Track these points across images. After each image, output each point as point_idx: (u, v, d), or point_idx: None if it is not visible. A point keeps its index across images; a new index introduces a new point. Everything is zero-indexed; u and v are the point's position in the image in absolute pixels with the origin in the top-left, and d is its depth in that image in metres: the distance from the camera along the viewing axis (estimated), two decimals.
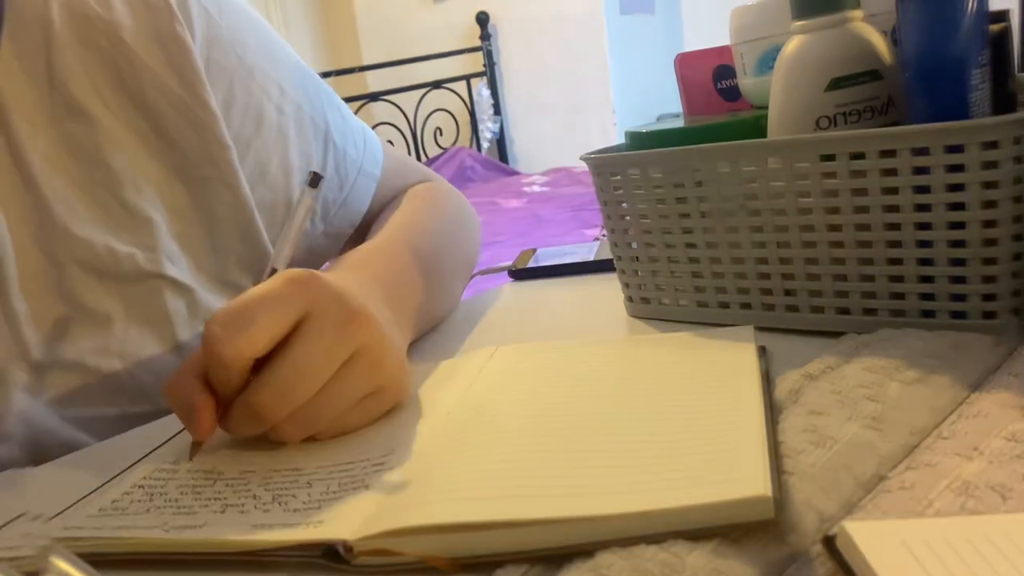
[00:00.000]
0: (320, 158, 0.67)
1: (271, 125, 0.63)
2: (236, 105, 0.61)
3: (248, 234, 0.61)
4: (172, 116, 0.57)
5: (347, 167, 0.69)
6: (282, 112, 0.64)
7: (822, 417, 0.37)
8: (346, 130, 0.70)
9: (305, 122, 0.66)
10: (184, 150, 0.58)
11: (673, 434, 0.37)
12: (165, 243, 0.57)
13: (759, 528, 0.30)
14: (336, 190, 0.69)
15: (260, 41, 0.64)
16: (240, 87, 0.61)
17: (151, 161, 0.57)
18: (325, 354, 0.41)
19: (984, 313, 0.45)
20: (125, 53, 0.55)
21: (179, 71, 0.57)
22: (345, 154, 0.69)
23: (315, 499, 0.36)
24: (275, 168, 0.64)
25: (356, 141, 0.71)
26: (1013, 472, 0.31)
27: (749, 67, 0.57)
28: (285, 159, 0.64)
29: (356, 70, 3.62)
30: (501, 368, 0.49)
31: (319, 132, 0.67)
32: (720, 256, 0.53)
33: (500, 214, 2.77)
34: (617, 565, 0.28)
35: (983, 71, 0.43)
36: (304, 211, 0.45)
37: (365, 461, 0.39)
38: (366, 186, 0.71)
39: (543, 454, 0.37)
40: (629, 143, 0.58)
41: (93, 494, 0.41)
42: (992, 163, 0.42)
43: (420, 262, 0.60)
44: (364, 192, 0.71)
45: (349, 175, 0.69)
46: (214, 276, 0.60)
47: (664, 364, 0.47)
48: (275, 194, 0.64)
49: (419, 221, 0.66)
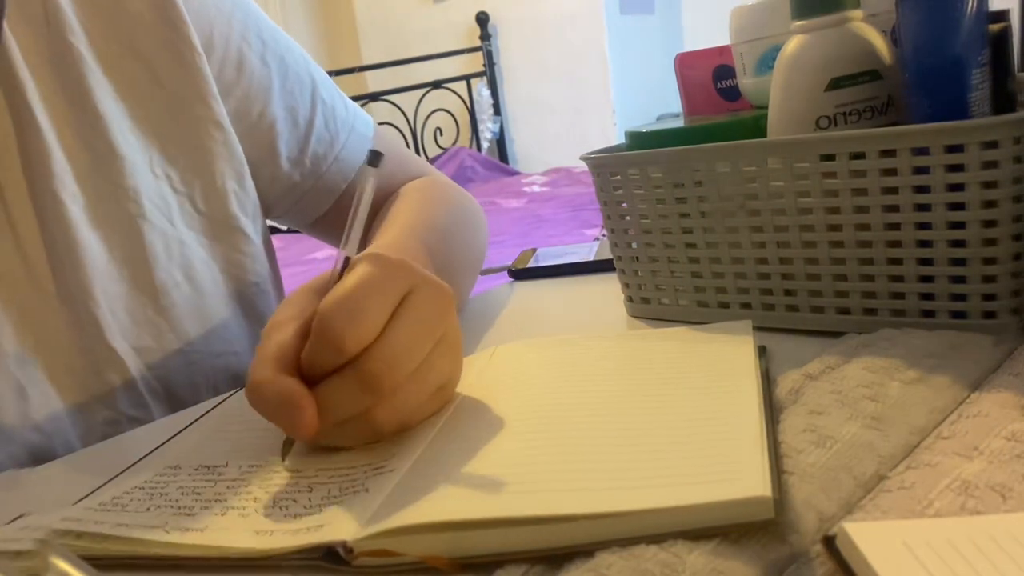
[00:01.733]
0: (307, 112, 0.68)
1: (252, 73, 0.64)
2: (216, 50, 0.62)
3: (241, 175, 0.63)
4: (163, 57, 0.59)
5: (337, 124, 0.70)
6: (264, 63, 0.65)
7: (822, 417, 0.37)
8: (333, 91, 0.71)
9: (289, 75, 0.67)
10: (175, 90, 0.59)
11: (673, 434, 0.37)
12: (146, 185, 0.58)
13: (759, 528, 0.30)
14: (328, 145, 0.69)
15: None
16: (219, 34, 0.62)
17: (144, 105, 0.58)
18: (427, 332, 0.41)
19: (984, 313, 0.45)
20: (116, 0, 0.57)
21: (163, 11, 0.58)
22: (334, 111, 0.70)
23: (316, 503, 0.36)
24: (256, 117, 0.65)
25: (347, 106, 0.72)
26: (1013, 472, 0.31)
27: (749, 67, 0.57)
28: (267, 110, 0.65)
29: (356, 70, 3.62)
30: (501, 367, 0.49)
31: (305, 87, 0.68)
32: (720, 256, 0.53)
33: (500, 214, 2.77)
34: (617, 565, 0.28)
35: (983, 71, 0.43)
36: (369, 193, 0.44)
37: (366, 465, 0.39)
38: (359, 145, 0.71)
39: (543, 452, 0.37)
40: (629, 143, 0.58)
41: (93, 493, 0.41)
42: (992, 163, 0.42)
43: (433, 259, 0.60)
44: (358, 150, 0.71)
45: (340, 132, 0.70)
46: (214, 217, 0.62)
47: (663, 363, 0.47)
48: (255, 142, 0.65)
49: (427, 217, 0.66)
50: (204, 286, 0.61)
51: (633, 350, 0.50)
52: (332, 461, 0.41)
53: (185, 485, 0.40)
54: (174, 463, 0.43)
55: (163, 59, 0.59)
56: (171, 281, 0.59)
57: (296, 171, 0.68)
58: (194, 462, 0.43)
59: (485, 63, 3.66)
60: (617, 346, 0.52)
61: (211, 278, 0.62)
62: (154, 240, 0.58)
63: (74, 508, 0.39)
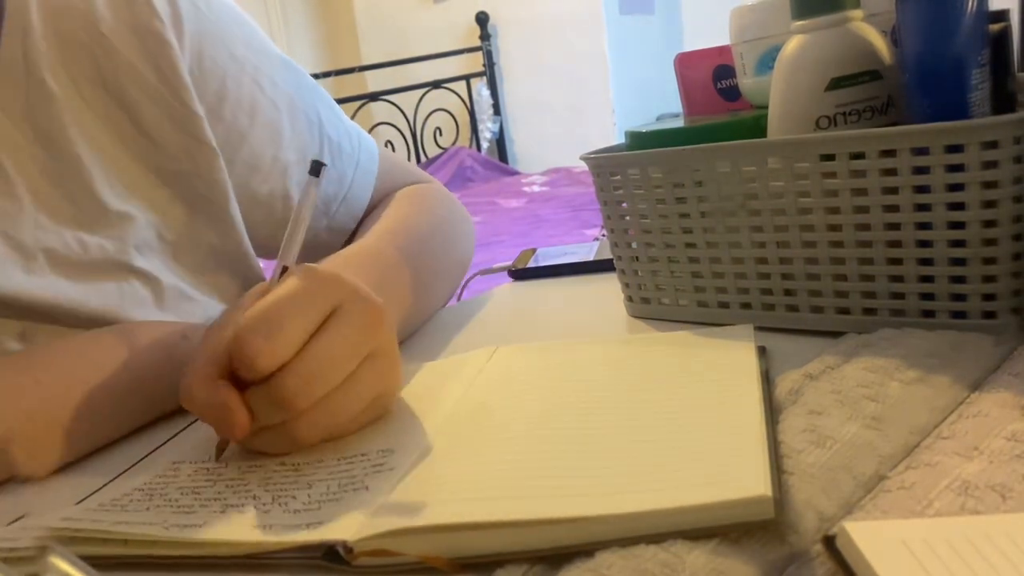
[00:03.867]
0: (317, 152, 0.67)
1: (265, 119, 0.63)
2: (229, 99, 0.61)
3: (223, 228, 0.62)
4: (149, 109, 0.57)
5: (344, 162, 0.69)
6: (276, 107, 0.64)
7: (822, 417, 0.37)
8: (338, 125, 0.70)
9: (299, 116, 0.66)
10: (161, 143, 0.58)
11: (673, 434, 0.37)
12: (135, 235, 0.57)
13: (759, 528, 0.30)
14: (336, 184, 0.69)
15: (247, 35, 0.64)
16: (232, 81, 0.61)
17: (127, 153, 0.57)
18: (352, 348, 0.41)
19: (984, 313, 0.45)
20: (103, 44, 0.55)
21: (156, 65, 0.57)
22: (340, 148, 0.69)
23: (315, 500, 0.36)
24: (269, 163, 0.64)
25: (350, 137, 0.71)
26: (1013, 472, 0.31)
27: (749, 67, 0.57)
28: (279, 154, 0.64)
29: (356, 70, 3.62)
30: (501, 368, 0.49)
31: (313, 126, 0.67)
32: (720, 256, 0.53)
33: (500, 214, 2.77)
34: (617, 565, 0.28)
35: (983, 71, 0.43)
36: (309, 203, 0.44)
37: (365, 462, 0.39)
38: (365, 181, 0.71)
39: (543, 454, 0.37)
40: (629, 143, 0.58)
41: (93, 495, 0.41)
42: (992, 163, 0.42)
43: (406, 263, 0.59)
44: (364, 187, 0.71)
45: (347, 170, 0.69)
46: (190, 268, 0.61)
47: (664, 364, 0.47)
48: (271, 188, 0.64)
49: (405, 223, 0.66)
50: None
51: (634, 353, 0.50)
52: (332, 453, 0.41)
53: (185, 485, 0.40)
54: (173, 462, 0.43)
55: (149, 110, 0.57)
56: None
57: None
58: (193, 459, 0.43)
59: (485, 63, 3.66)
60: (618, 349, 0.52)
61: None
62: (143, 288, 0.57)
63: (74, 509, 0.39)
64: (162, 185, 0.58)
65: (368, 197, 0.72)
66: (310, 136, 0.67)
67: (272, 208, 0.65)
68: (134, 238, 0.57)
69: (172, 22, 0.57)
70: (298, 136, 0.66)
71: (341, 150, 0.69)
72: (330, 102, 0.71)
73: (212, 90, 0.60)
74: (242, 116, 0.62)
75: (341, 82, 3.74)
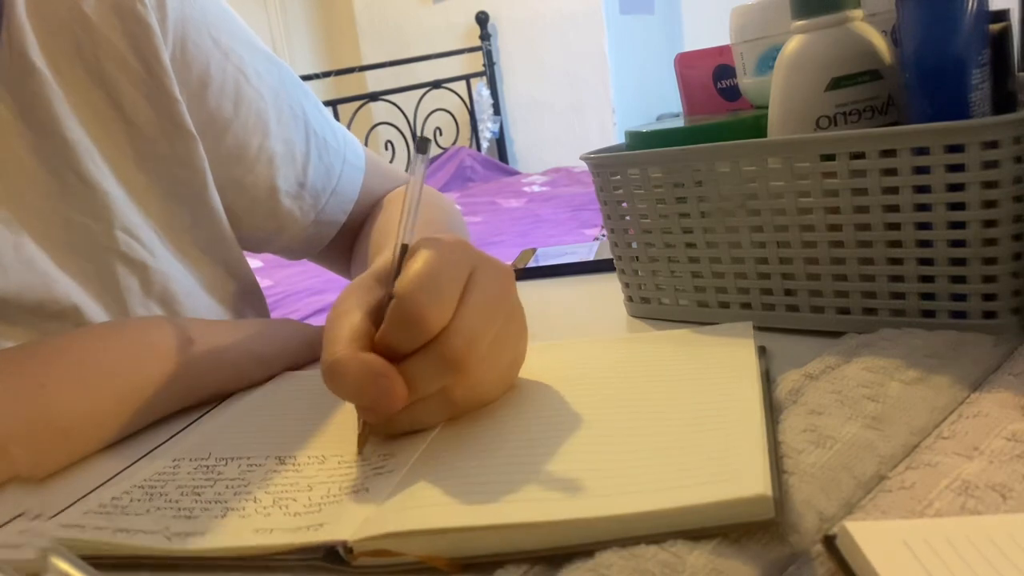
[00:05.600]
0: (303, 146, 0.67)
1: (250, 108, 0.64)
2: (212, 86, 0.61)
3: (202, 213, 0.62)
4: (128, 90, 0.57)
5: (331, 155, 0.69)
6: (261, 96, 0.64)
7: (822, 417, 0.37)
8: (323, 121, 0.70)
9: (284, 109, 0.66)
10: (139, 125, 0.58)
11: (673, 434, 0.37)
12: (120, 217, 0.57)
13: (759, 528, 0.30)
14: (324, 177, 0.69)
15: (231, 27, 0.64)
16: (216, 68, 0.61)
17: (105, 133, 0.57)
18: (495, 308, 0.41)
19: (984, 313, 0.45)
20: (84, 24, 0.55)
21: (137, 47, 0.57)
22: (326, 143, 0.69)
23: (315, 502, 0.36)
24: (255, 152, 0.64)
25: (335, 133, 0.71)
26: (1013, 472, 0.31)
27: (749, 67, 0.57)
28: (265, 144, 0.65)
29: (356, 70, 3.62)
30: None
31: (298, 120, 0.67)
32: (720, 256, 0.53)
33: (500, 214, 2.77)
34: (617, 565, 0.28)
35: (983, 71, 0.43)
36: (420, 179, 0.44)
37: (365, 464, 0.39)
38: (353, 175, 0.71)
39: (543, 455, 0.37)
40: (629, 143, 0.58)
41: (93, 492, 0.41)
42: (992, 163, 0.42)
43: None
44: (352, 181, 0.71)
45: (335, 163, 0.70)
46: (174, 253, 0.61)
47: (663, 364, 0.47)
48: (256, 177, 0.64)
49: (426, 216, 0.66)
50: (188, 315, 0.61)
51: (633, 352, 0.50)
52: (332, 459, 0.41)
53: (184, 484, 0.40)
54: (173, 459, 0.43)
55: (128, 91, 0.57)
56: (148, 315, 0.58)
57: (296, 206, 0.68)
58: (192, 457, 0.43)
59: (485, 63, 3.66)
60: (617, 348, 0.52)
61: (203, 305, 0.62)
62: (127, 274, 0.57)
63: (74, 511, 0.39)
64: (141, 167, 0.59)
65: (357, 190, 0.72)
66: (295, 128, 0.67)
67: (256, 198, 0.65)
68: (119, 221, 0.57)
69: (156, 6, 0.58)
70: (283, 128, 0.66)
71: (327, 144, 0.69)
72: (314, 98, 0.71)
73: (195, 76, 0.60)
74: (226, 103, 0.62)
75: (341, 82, 3.74)
